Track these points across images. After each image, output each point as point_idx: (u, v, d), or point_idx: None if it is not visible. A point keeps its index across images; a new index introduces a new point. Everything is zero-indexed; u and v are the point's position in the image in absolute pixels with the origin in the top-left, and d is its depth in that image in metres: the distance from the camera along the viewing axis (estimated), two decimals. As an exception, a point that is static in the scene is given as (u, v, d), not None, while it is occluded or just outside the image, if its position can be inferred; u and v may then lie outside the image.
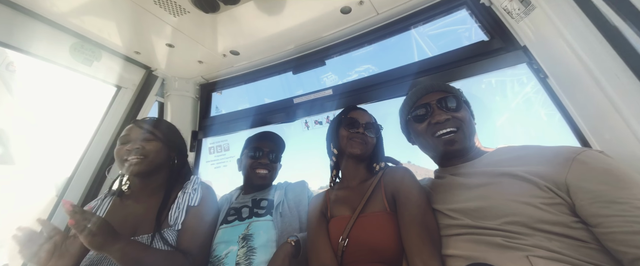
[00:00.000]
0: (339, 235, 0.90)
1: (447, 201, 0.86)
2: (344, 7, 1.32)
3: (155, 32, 1.38)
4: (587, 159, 0.66)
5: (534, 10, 0.95)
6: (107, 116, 1.52)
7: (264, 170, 1.25)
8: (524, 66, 1.06)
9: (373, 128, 1.09)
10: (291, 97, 1.64)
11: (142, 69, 1.67)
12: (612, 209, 0.58)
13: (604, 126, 0.83)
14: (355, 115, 1.10)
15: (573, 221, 0.64)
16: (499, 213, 0.71)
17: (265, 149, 1.28)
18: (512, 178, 0.73)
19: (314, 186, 1.39)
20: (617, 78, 0.78)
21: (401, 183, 0.92)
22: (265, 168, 1.25)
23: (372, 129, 1.08)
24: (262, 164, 1.25)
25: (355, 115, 1.10)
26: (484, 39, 1.20)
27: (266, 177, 1.26)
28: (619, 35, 0.77)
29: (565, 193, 0.65)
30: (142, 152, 1.04)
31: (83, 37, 1.37)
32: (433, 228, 0.83)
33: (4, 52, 1.17)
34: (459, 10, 1.30)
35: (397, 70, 1.41)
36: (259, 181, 1.26)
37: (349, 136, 1.05)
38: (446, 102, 0.91)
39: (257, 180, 1.25)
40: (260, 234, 1.06)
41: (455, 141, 0.87)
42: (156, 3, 1.19)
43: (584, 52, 0.84)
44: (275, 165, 1.30)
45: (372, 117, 1.13)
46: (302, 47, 1.61)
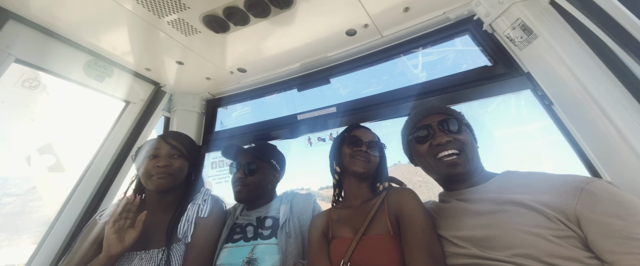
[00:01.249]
0: (340, 258, 0.88)
1: (453, 228, 0.84)
2: (349, 30, 1.37)
3: (167, 50, 1.43)
4: (596, 190, 0.65)
5: (536, 39, 0.97)
6: (114, 129, 1.55)
7: (239, 186, 1.19)
8: (529, 92, 1.06)
9: (376, 147, 1.08)
10: (295, 113, 1.66)
11: (151, 85, 1.71)
12: (629, 246, 0.56)
13: (612, 156, 0.82)
14: (358, 133, 1.10)
15: (587, 257, 0.61)
16: (507, 244, 0.69)
17: (241, 162, 1.23)
18: (520, 207, 0.72)
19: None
20: (624, 109, 0.78)
21: (405, 205, 0.90)
22: (240, 182, 1.19)
23: (375, 147, 1.07)
24: (238, 179, 1.20)
25: (358, 133, 1.10)
26: (488, 64, 1.22)
27: (242, 191, 1.19)
28: (623, 66, 0.77)
29: (576, 225, 0.64)
30: (169, 170, 1.08)
31: (97, 54, 1.43)
32: (438, 253, 0.81)
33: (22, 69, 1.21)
34: (462, 35, 1.32)
35: (401, 90, 1.43)
36: (237, 196, 1.21)
37: (351, 154, 1.05)
38: (448, 124, 0.91)
39: (235, 196, 1.22)
40: (264, 259, 1.04)
41: (458, 164, 0.86)
42: (169, 23, 1.24)
43: (589, 82, 0.84)
44: (252, 178, 1.20)
45: (375, 135, 1.13)
46: (308, 65, 1.65)
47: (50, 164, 1.25)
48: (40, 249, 1.27)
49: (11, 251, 12.75)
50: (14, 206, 15.22)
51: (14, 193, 15.63)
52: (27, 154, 1.52)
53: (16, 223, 14.43)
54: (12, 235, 13.91)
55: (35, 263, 1.24)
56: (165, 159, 1.08)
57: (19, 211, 14.94)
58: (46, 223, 1.34)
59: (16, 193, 15.57)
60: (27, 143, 2.20)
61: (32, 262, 1.24)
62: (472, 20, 1.24)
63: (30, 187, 15.51)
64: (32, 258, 1.25)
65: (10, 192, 15.44)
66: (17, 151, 2.55)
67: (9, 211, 14.83)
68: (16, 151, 2.65)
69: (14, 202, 15.39)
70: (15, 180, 15.66)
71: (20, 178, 15.17)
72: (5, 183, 15.61)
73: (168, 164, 1.08)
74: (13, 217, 14.59)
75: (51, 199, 3.04)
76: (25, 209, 14.96)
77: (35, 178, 2.22)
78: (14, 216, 14.68)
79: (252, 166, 1.22)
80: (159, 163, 1.06)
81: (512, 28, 1.03)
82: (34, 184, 14.99)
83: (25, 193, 15.55)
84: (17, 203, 15.37)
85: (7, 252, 12.69)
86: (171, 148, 1.12)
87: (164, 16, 1.19)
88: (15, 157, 11.09)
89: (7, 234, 13.84)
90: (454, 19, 1.29)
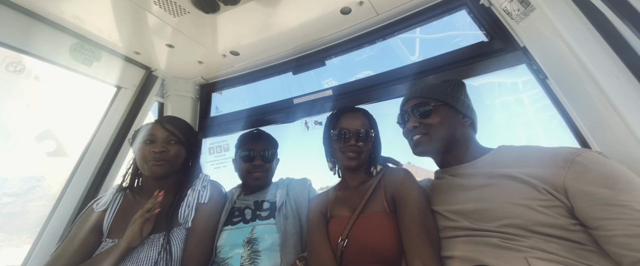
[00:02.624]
0: (339, 235, 0.91)
1: (446, 203, 0.87)
2: (343, 8, 1.33)
3: (155, 32, 1.38)
4: (586, 161, 0.66)
5: (534, 11, 0.95)
6: (107, 116, 1.52)
7: (259, 172, 1.23)
8: (523, 67, 1.06)
9: (366, 135, 1.03)
10: (291, 97, 1.64)
11: (142, 70, 1.67)
12: (612, 212, 0.58)
13: (603, 127, 0.83)
14: (345, 124, 1.04)
15: (571, 224, 0.64)
16: (497, 216, 0.71)
17: (258, 149, 1.25)
18: (510, 180, 0.73)
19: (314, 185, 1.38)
20: (617, 80, 0.78)
21: (401, 185, 0.92)
22: (259, 169, 1.23)
23: (364, 136, 1.02)
24: (257, 167, 1.23)
25: (345, 124, 1.04)
26: (484, 40, 1.20)
27: (262, 178, 1.24)
28: (619, 36, 0.77)
29: (564, 196, 0.66)
30: (166, 156, 1.07)
31: (83, 37, 1.37)
32: (432, 230, 0.84)
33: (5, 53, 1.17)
34: (458, 10, 1.29)
35: (397, 70, 1.41)
36: (256, 183, 1.25)
37: (341, 150, 1.03)
38: (418, 108, 0.95)
39: (253, 182, 1.25)
40: (264, 238, 1.07)
41: (418, 144, 0.94)
42: (156, 3, 1.19)
43: (584, 53, 0.84)
44: (269, 165, 1.27)
45: (364, 120, 1.07)
46: (302, 47, 1.61)
47: (51, 150, 1.25)
48: (41, 237, 1.28)
49: (11, 252, 12.89)
50: (13, 206, 15.26)
51: (14, 193, 15.63)
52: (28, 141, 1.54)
53: (16, 223, 14.52)
54: (12, 235, 14.01)
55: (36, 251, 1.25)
56: (162, 145, 1.07)
57: (19, 211, 15.00)
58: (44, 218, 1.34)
59: (16, 193, 15.57)
60: (27, 130, 2.16)
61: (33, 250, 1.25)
62: (469, -5, 1.21)
63: (30, 187, 15.49)
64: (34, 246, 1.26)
65: (9, 192, 15.43)
66: (18, 139, 2.44)
67: (9, 211, 14.88)
68: (17, 139, 2.55)
69: (13, 202, 15.42)
70: (15, 180, 15.60)
71: (19, 178, 15.10)
72: (5, 183, 15.56)
73: (164, 150, 1.07)
74: (13, 217, 14.66)
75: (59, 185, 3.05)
76: (25, 209, 15.01)
77: (40, 166, 2.17)
78: (14, 216, 14.75)
79: (269, 153, 1.27)
80: (155, 149, 1.05)
81: (509, 1, 1.01)
82: (41, 174, 14.87)
83: (25, 193, 15.55)
84: (17, 203, 15.41)
85: (6, 252, 12.82)
86: (168, 133, 1.10)
87: (150, -6, 1.14)
88: (17, 144, 10.88)
89: (6, 234, 13.95)
90: (451, -7, 1.25)
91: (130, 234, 0.94)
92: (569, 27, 0.88)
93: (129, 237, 0.93)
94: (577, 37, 0.86)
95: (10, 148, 19.11)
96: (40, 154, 1.38)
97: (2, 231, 14.48)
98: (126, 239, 0.93)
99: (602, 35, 0.80)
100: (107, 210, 1.07)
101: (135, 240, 0.94)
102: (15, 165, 11.83)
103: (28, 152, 5.37)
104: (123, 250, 0.92)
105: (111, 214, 1.06)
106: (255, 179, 1.23)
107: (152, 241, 0.99)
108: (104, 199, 1.10)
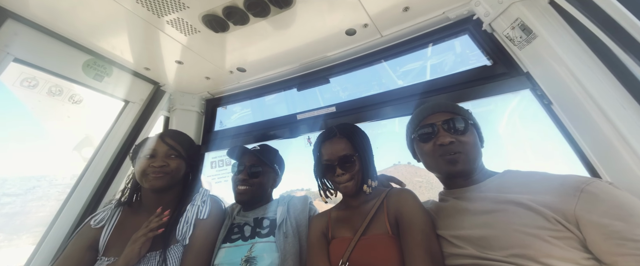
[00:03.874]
0: (339, 258, 0.88)
1: (451, 227, 0.84)
2: (348, 30, 1.36)
3: (166, 49, 1.43)
4: (597, 191, 0.65)
5: (536, 39, 0.97)
6: (113, 129, 1.54)
7: (243, 186, 1.20)
8: (528, 92, 1.06)
9: (348, 160, 0.99)
10: (294, 113, 1.66)
11: (151, 85, 1.71)
12: (629, 247, 0.56)
13: (612, 156, 0.82)
14: (327, 155, 1.01)
15: (584, 258, 0.61)
16: (505, 244, 0.69)
17: (247, 163, 1.23)
18: (518, 206, 0.72)
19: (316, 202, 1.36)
20: (623, 109, 0.77)
21: (405, 206, 0.91)
22: (243, 184, 1.20)
23: (350, 160, 0.99)
24: (241, 180, 1.20)
25: (327, 155, 1.01)
26: (487, 63, 1.22)
27: (245, 192, 1.20)
28: (622, 66, 0.77)
29: (575, 226, 0.64)
30: (166, 170, 1.07)
31: (96, 54, 1.42)
32: (437, 255, 0.81)
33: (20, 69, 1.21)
34: (461, 35, 1.32)
35: (401, 89, 1.43)
36: (239, 197, 1.21)
37: (334, 181, 1.02)
38: (453, 123, 0.89)
39: (237, 197, 1.22)
40: (263, 257, 1.04)
41: (456, 161, 0.86)
42: (169, 23, 1.24)
43: (589, 82, 0.84)
44: (256, 180, 1.22)
45: (345, 143, 1.02)
46: (307, 65, 1.65)
47: (89, 156, 1.29)
48: (39, 248, 1.26)
49: (10, 252, 12.71)
50: (13, 206, 15.23)
51: (13, 193, 15.68)
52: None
53: (15, 223, 14.43)
54: (12, 235, 13.89)
55: (34, 263, 1.23)
56: (162, 159, 1.07)
57: (19, 211, 14.95)
58: (45, 224, 1.34)
59: (15, 193, 15.61)
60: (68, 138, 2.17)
61: (31, 262, 1.24)
62: (472, 20, 1.24)
63: (30, 187, 15.54)
64: (32, 258, 1.25)
65: (9, 192, 15.48)
66: (60, 147, 2.45)
67: (8, 211, 14.84)
68: (59, 147, 2.54)
69: (13, 202, 15.41)
70: (15, 180, 15.66)
71: (19, 178, 15.14)
72: (5, 183, 15.63)
73: (164, 165, 1.06)
74: (13, 217, 14.59)
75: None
76: (25, 210, 14.96)
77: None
78: (14, 216, 14.69)
79: (257, 169, 1.23)
80: (155, 163, 1.05)
81: (511, 28, 1.03)
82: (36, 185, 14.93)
83: (25, 193, 15.58)
84: (17, 203, 15.38)
85: (6, 253, 12.66)
86: (168, 148, 1.11)
87: (163, 15, 1.19)
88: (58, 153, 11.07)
89: (6, 234, 13.83)
90: (454, 18, 1.29)
91: (129, 253, 0.92)
92: (571, 55, 0.89)
93: (127, 256, 0.91)
94: (579, 65, 0.87)
95: (55, 152, 19.38)
96: (79, 159, 1.45)
97: (1, 232, 14.31)
98: (124, 258, 0.91)
99: (606, 66, 0.81)
100: (103, 227, 1.05)
101: (134, 259, 0.92)
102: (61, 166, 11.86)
103: (68, 157, 5.44)
104: None
105: (108, 231, 1.04)
106: (239, 193, 1.20)
107: (147, 260, 0.97)
108: (101, 216, 1.09)
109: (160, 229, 0.98)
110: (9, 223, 14.78)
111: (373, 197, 1.02)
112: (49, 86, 1.36)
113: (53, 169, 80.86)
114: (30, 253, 1.27)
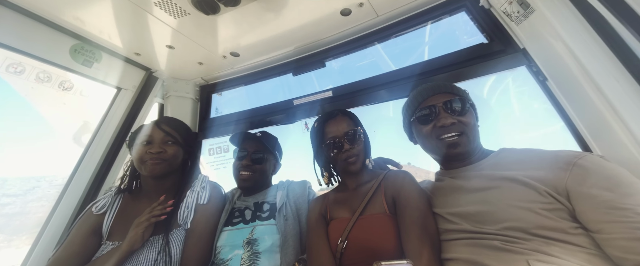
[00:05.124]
0: (338, 237, 0.91)
1: (447, 205, 0.86)
2: (343, 10, 1.33)
3: (156, 33, 1.38)
4: (588, 164, 0.66)
5: (533, 13, 0.95)
6: (107, 117, 1.52)
7: (246, 172, 1.21)
8: (523, 69, 1.06)
9: (356, 135, 1.02)
10: (291, 98, 1.64)
11: (142, 71, 1.67)
12: (614, 215, 0.58)
13: (604, 130, 0.83)
14: (333, 132, 1.02)
15: (572, 227, 0.63)
16: (499, 219, 0.71)
17: (250, 150, 1.24)
18: (512, 183, 0.73)
19: (314, 187, 1.37)
20: (617, 82, 0.78)
21: (401, 186, 0.92)
22: (246, 169, 1.21)
23: (354, 137, 1.01)
24: (245, 167, 1.22)
25: (333, 132, 1.02)
26: (484, 41, 1.20)
27: (249, 179, 1.22)
28: (619, 39, 0.77)
29: (566, 198, 0.65)
30: (163, 156, 1.08)
31: (83, 38, 1.37)
32: (433, 232, 0.83)
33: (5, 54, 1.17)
34: (458, 12, 1.30)
35: (398, 72, 1.41)
36: (242, 184, 1.23)
37: (337, 158, 1.01)
38: (452, 104, 0.89)
39: (240, 183, 1.23)
40: (264, 239, 1.06)
41: (458, 144, 0.87)
42: (157, 5, 1.19)
43: (583, 55, 0.84)
44: (259, 166, 1.24)
45: (348, 121, 1.05)
46: (302, 48, 1.61)
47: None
48: (40, 238, 1.27)
49: (10, 253, 12.82)
50: (13, 206, 15.25)
51: (13, 193, 15.62)
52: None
53: (15, 223, 14.50)
54: (11, 235, 13.98)
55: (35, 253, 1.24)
56: (159, 146, 1.08)
57: (18, 211, 14.99)
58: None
59: (15, 194, 15.56)
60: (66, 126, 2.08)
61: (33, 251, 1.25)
62: (469, -4, 1.21)
63: (29, 187, 15.46)
64: (33, 247, 1.26)
65: (9, 193, 15.42)
66: (58, 134, 2.37)
67: (8, 211, 14.86)
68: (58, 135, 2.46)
69: (13, 203, 15.40)
70: (14, 181, 15.58)
71: (19, 179, 15.06)
72: (5, 183, 15.55)
73: (161, 151, 1.07)
74: (12, 218, 14.64)
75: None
76: (24, 210, 14.99)
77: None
78: (13, 216, 14.73)
79: (260, 155, 1.25)
80: (152, 150, 1.06)
81: (508, 2, 1.01)
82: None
83: (25, 194, 15.54)
84: (17, 204, 15.39)
85: (6, 253, 12.76)
86: (165, 134, 1.11)
87: (150, -4, 1.14)
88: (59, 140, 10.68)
89: (6, 235, 13.92)
90: (451, -5, 1.26)
91: (133, 237, 0.94)
92: (568, 29, 0.88)
93: (131, 240, 0.93)
94: (576, 39, 0.86)
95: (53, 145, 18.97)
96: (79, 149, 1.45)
97: (1, 232, 14.42)
98: (128, 242, 0.93)
99: (601, 38, 0.80)
100: (106, 213, 1.06)
101: (137, 243, 0.94)
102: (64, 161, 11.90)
103: (67, 152, 5.35)
104: (125, 253, 0.92)
105: (111, 216, 1.06)
106: (242, 179, 1.22)
107: (151, 243, 0.99)
108: (103, 202, 1.10)
109: (163, 216, 1.00)
110: (8, 224, 14.84)
111: (371, 179, 1.04)
112: (37, 72, 1.32)
113: (52, 169, 80.00)
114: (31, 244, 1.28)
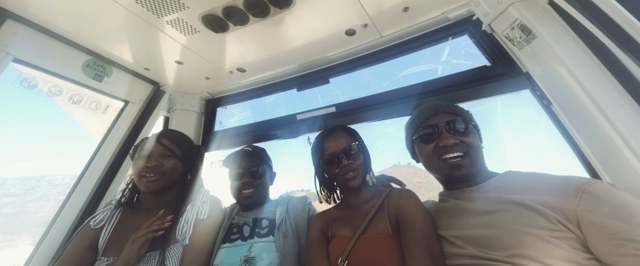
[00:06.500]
0: (339, 256, 0.88)
1: (452, 227, 0.84)
2: (348, 30, 1.37)
3: (166, 49, 1.43)
4: (598, 192, 0.64)
5: (535, 39, 0.97)
6: (113, 129, 1.54)
7: (248, 189, 1.20)
8: (527, 92, 1.06)
9: (355, 150, 1.01)
10: (294, 113, 1.66)
11: (150, 85, 1.71)
12: (629, 247, 0.56)
13: (611, 157, 0.81)
14: (331, 148, 1.02)
15: (585, 258, 0.61)
16: (506, 244, 0.69)
17: (247, 167, 1.23)
18: (520, 207, 0.71)
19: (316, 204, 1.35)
20: (623, 109, 0.78)
21: (405, 206, 0.90)
22: (249, 186, 1.20)
23: (353, 151, 1.01)
24: (246, 184, 1.20)
25: (331, 148, 1.02)
26: (487, 64, 1.22)
27: (253, 195, 1.21)
28: (621, 66, 0.77)
29: (576, 227, 0.63)
30: (160, 170, 1.06)
31: (96, 54, 1.42)
32: (437, 254, 0.81)
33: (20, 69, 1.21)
34: (461, 35, 1.33)
35: (401, 90, 1.43)
36: (247, 201, 1.22)
37: (338, 174, 1.01)
38: (455, 125, 0.88)
39: (244, 201, 1.22)
40: (262, 257, 1.04)
41: (462, 166, 0.86)
42: (168, 23, 1.24)
43: (588, 82, 0.84)
44: (260, 181, 1.23)
45: (346, 136, 1.05)
46: (307, 65, 1.65)
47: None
48: (38, 249, 1.26)
49: (10, 253, 12.68)
50: (13, 206, 15.20)
51: (13, 193, 15.63)
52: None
53: (15, 223, 14.42)
54: (11, 235, 13.86)
55: (33, 264, 1.23)
56: (156, 159, 1.06)
57: (18, 211, 14.93)
58: (44, 224, 1.33)
59: (15, 194, 15.57)
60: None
61: (30, 263, 1.23)
62: (471, 21, 1.24)
63: (29, 187, 15.50)
64: (31, 258, 1.24)
65: (9, 193, 15.43)
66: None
67: (8, 211, 14.82)
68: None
69: (13, 203, 15.37)
70: (15, 181, 15.63)
71: (19, 179, 15.13)
72: (5, 183, 15.61)
73: (158, 164, 1.05)
74: (12, 218, 14.56)
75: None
76: (24, 210, 14.93)
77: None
78: (13, 216, 14.66)
79: (257, 169, 1.23)
80: (149, 163, 1.04)
81: (511, 28, 1.04)
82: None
83: (25, 194, 15.53)
84: (17, 204, 15.36)
85: (6, 253, 12.63)
86: (163, 147, 1.09)
87: (163, 16, 1.19)
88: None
89: (6, 235, 13.80)
90: (453, 19, 1.29)
91: (129, 253, 0.92)
92: (570, 56, 0.89)
93: (126, 256, 0.91)
94: (579, 65, 0.87)
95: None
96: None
97: (1, 232, 14.31)
98: (123, 258, 0.91)
99: (604, 64, 0.81)
100: (103, 227, 1.05)
101: (133, 259, 0.92)
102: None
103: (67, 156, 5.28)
104: None
105: (108, 231, 1.04)
106: (245, 197, 1.20)
107: (147, 260, 0.96)
108: (101, 216, 1.09)
109: (161, 231, 0.98)
110: (8, 224, 14.78)
111: (373, 197, 1.02)
112: (49, 86, 1.36)
113: (53, 169, 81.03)
114: (30, 253, 1.27)
